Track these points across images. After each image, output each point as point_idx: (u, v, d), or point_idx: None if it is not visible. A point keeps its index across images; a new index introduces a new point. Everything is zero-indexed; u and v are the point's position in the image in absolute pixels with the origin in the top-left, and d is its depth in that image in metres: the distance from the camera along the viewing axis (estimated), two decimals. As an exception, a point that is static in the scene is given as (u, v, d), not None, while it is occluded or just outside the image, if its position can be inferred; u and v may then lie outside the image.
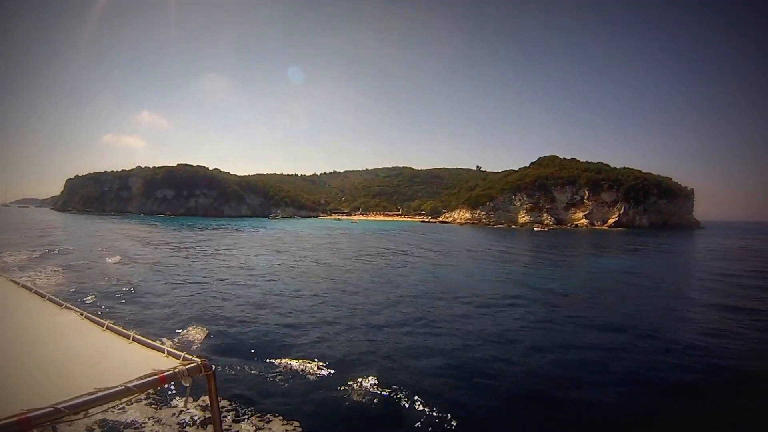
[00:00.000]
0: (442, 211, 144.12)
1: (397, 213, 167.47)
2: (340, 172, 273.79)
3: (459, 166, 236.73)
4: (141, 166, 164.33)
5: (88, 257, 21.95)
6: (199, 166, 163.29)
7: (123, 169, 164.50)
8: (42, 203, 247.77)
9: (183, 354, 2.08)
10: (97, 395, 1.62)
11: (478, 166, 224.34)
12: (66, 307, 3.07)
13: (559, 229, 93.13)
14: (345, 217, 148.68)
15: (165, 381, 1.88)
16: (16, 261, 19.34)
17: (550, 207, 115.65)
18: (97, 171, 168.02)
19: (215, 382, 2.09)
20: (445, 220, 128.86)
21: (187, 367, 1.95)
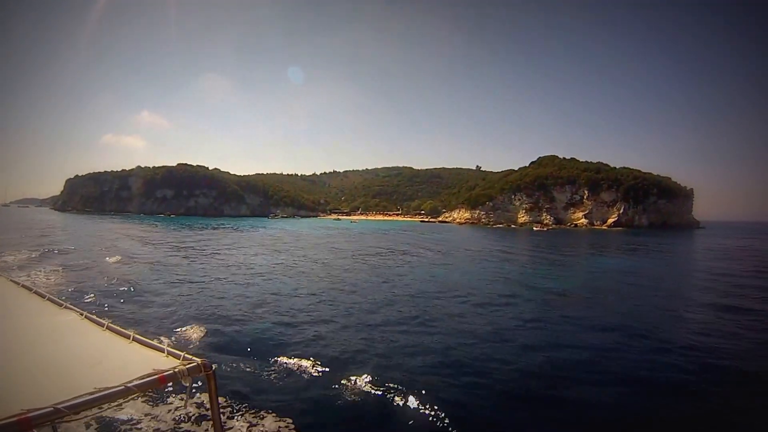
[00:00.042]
0: (442, 210, 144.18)
1: (397, 213, 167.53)
2: (340, 172, 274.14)
3: (459, 166, 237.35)
4: (141, 166, 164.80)
5: (88, 257, 22.03)
6: (199, 165, 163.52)
7: (123, 169, 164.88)
8: (42, 203, 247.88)
9: (183, 354, 2.09)
10: (97, 395, 1.62)
11: (477, 166, 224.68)
12: (66, 307, 3.07)
13: (558, 229, 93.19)
14: (344, 217, 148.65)
15: (165, 381, 1.87)
16: (16, 261, 19.42)
17: (550, 207, 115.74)
18: (97, 171, 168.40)
19: (215, 381, 2.10)
20: (444, 219, 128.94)
21: (187, 366, 1.95)
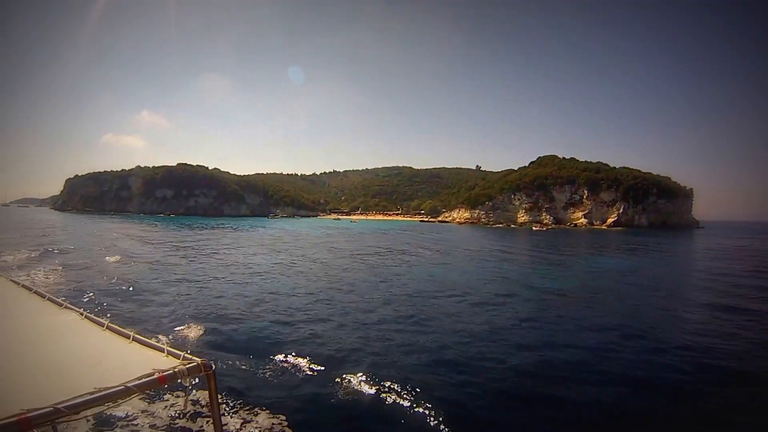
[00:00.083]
0: (442, 210, 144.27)
1: (397, 212, 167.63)
2: (340, 171, 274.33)
3: (459, 166, 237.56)
4: (141, 165, 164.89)
5: (87, 256, 22.12)
6: (199, 165, 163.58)
7: (123, 169, 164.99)
8: (42, 203, 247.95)
9: (183, 353, 2.09)
10: (97, 395, 1.62)
11: (477, 166, 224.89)
12: (66, 306, 3.08)
13: (557, 229, 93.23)
14: (344, 217, 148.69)
15: (165, 381, 1.87)
16: (15, 260, 19.50)
17: (549, 206, 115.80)
18: (96, 171, 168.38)
19: (215, 381, 2.10)
20: (444, 219, 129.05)
21: (187, 366, 1.95)
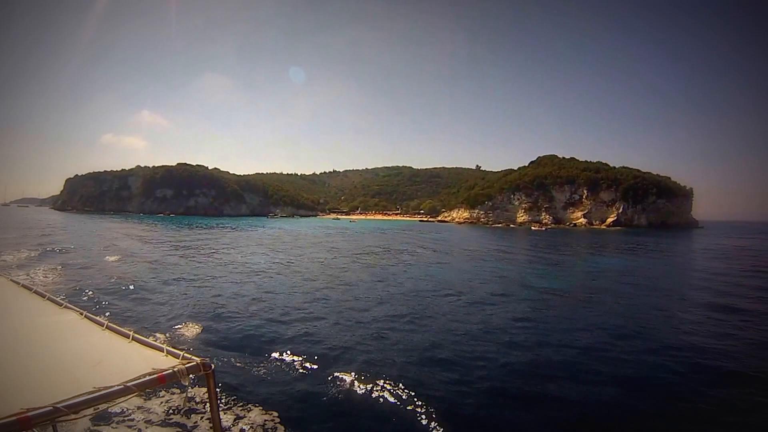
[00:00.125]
0: (441, 210, 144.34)
1: (396, 212, 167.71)
2: (340, 171, 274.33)
3: (458, 166, 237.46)
4: (141, 165, 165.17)
5: (87, 256, 22.25)
6: (199, 165, 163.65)
7: (123, 169, 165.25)
8: (42, 203, 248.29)
9: (182, 353, 2.10)
10: (96, 394, 1.62)
11: (477, 166, 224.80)
12: (66, 306, 3.09)
13: (557, 229, 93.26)
14: (344, 217, 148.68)
15: (164, 380, 1.88)
16: (15, 260, 19.61)
17: (549, 206, 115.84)
18: (96, 170, 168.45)
19: (214, 380, 2.11)
20: (443, 219, 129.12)
21: (187, 366, 1.96)
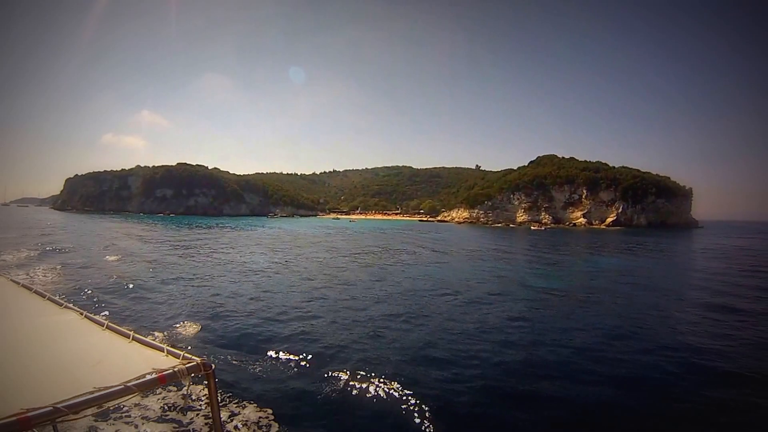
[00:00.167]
0: (441, 210, 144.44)
1: (396, 212, 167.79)
2: (340, 171, 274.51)
3: (459, 165, 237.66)
4: (140, 165, 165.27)
5: (87, 255, 22.32)
6: (199, 165, 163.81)
7: (123, 169, 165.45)
8: (42, 202, 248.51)
9: (182, 353, 2.10)
10: (96, 394, 1.62)
11: (477, 165, 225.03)
12: (66, 306, 3.10)
13: (556, 228, 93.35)
14: (343, 216, 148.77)
15: (164, 380, 1.88)
16: (15, 260, 19.69)
17: (548, 206, 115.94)
18: (96, 170, 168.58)
19: (214, 380, 2.11)
20: (443, 219, 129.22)
21: (187, 366, 1.96)
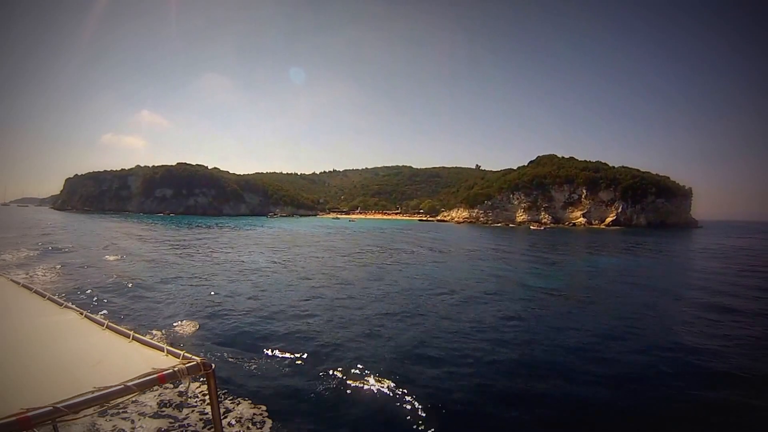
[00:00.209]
0: (441, 209, 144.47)
1: (396, 212, 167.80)
2: (340, 171, 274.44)
3: (458, 165, 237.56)
4: (140, 165, 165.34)
5: (87, 255, 22.38)
6: (199, 165, 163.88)
7: (122, 168, 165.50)
8: (42, 202, 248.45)
9: (182, 353, 2.10)
10: (96, 394, 1.62)
11: (477, 165, 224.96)
12: (66, 306, 3.11)
13: (556, 228, 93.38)
14: (343, 216, 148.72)
15: (164, 380, 1.88)
16: (15, 259, 19.74)
17: (548, 206, 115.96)
18: (96, 170, 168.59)
19: (214, 380, 2.11)
20: (443, 218, 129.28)
21: (187, 365, 1.96)
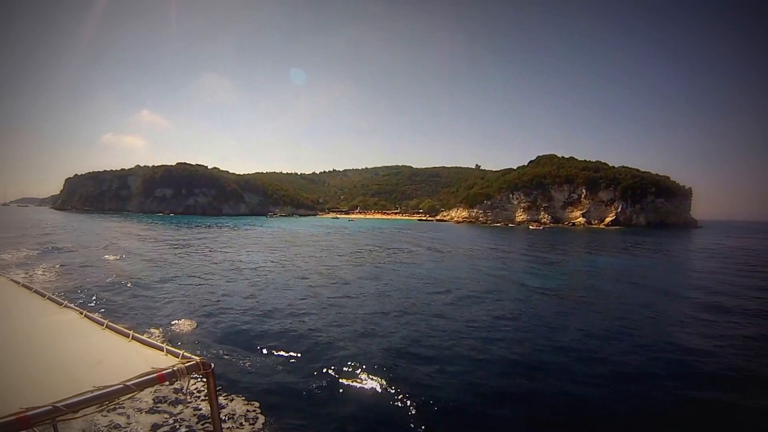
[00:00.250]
0: (440, 209, 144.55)
1: (396, 211, 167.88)
2: (340, 171, 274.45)
3: (458, 165, 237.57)
4: (140, 165, 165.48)
5: (87, 254, 22.45)
6: (198, 165, 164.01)
7: (122, 168, 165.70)
8: (42, 202, 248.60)
9: (182, 352, 2.10)
10: (96, 394, 1.62)
11: (477, 165, 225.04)
12: (66, 306, 3.10)
13: (555, 228, 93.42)
14: (343, 216, 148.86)
15: (164, 379, 1.88)
16: (15, 259, 19.79)
17: (548, 205, 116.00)
18: (96, 170, 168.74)
19: (214, 380, 2.12)
20: (442, 218, 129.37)
21: (186, 365, 1.97)
